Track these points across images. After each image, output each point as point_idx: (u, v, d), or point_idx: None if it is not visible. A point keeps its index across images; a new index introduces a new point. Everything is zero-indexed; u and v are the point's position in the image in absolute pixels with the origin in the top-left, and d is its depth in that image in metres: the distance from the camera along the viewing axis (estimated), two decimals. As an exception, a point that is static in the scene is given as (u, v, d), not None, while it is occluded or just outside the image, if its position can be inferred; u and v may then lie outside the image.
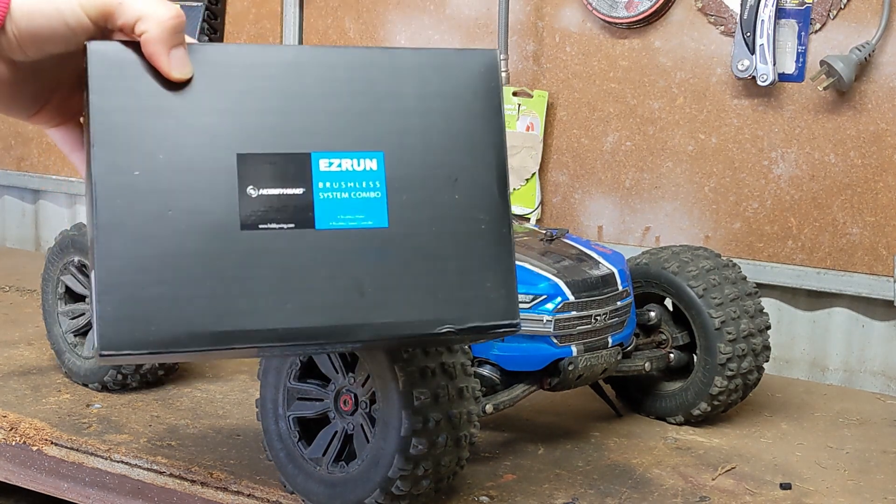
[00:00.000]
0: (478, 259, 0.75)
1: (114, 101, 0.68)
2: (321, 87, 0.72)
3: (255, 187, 0.70)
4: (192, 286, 0.68)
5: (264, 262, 0.69)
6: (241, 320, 0.68)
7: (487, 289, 0.75)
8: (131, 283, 0.66)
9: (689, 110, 1.85)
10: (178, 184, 0.68)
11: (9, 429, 1.36)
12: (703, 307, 1.39)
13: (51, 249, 1.56)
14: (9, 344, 1.73)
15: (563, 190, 1.97)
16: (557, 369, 1.27)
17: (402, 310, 0.72)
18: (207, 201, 0.68)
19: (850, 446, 1.42)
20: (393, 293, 0.72)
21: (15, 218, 2.66)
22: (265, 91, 0.71)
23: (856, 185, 1.74)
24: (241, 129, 0.70)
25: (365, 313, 0.71)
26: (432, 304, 0.73)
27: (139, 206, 0.67)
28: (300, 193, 0.70)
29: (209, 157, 0.69)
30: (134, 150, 0.67)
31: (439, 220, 0.74)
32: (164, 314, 0.67)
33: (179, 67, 0.69)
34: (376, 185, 0.72)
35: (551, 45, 1.95)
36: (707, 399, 1.41)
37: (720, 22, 1.80)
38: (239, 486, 1.21)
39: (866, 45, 1.68)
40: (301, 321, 0.70)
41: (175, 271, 0.67)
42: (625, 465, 1.30)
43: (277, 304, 0.69)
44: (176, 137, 0.68)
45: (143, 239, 0.67)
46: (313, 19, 2.16)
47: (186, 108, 0.69)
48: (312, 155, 0.71)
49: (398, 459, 1.04)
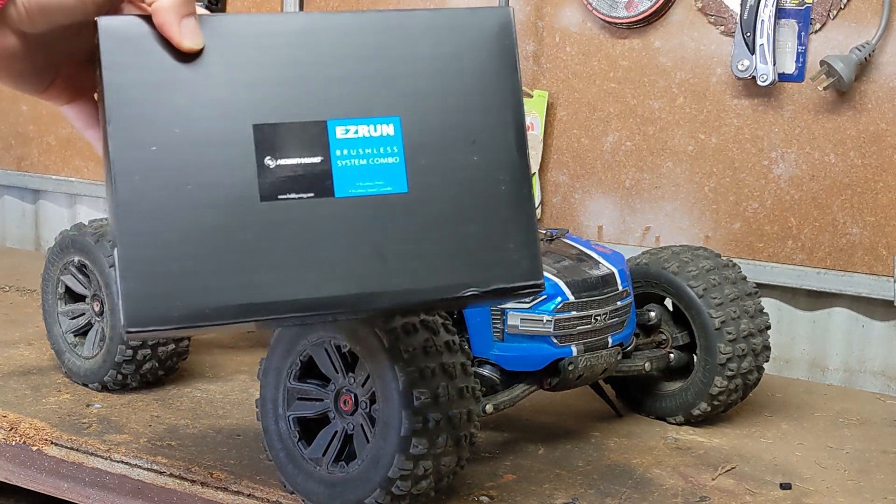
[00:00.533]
0: (499, 220, 0.74)
1: (127, 77, 0.67)
2: (334, 54, 0.72)
3: (272, 158, 0.69)
4: (214, 260, 0.67)
5: (285, 232, 0.69)
6: (265, 292, 0.68)
7: (510, 250, 0.74)
8: (154, 258, 0.66)
9: (689, 110, 1.85)
10: (196, 157, 0.68)
11: (9, 429, 1.36)
12: (703, 307, 1.39)
13: (51, 249, 1.56)
14: (9, 344, 1.73)
15: (563, 190, 1.97)
16: (557, 369, 1.27)
17: (425, 275, 0.72)
18: (225, 174, 0.68)
19: (850, 446, 1.42)
20: (414, 259, 0.72)
21: (15, 218, 2.66)
22: (278, 60, 0.70)
23: (856, 185, 1.74)
24: (255, 99, 0.69)
25: (387, 280, 0.71)
26: (455, 268, 0.73)
27: (158, 182, 0.67)
28: (318, 162, 0.70)
29: (225, 129, 0.68)
30: (150, 125, 0.67)
31: (459, 182, 0.73)
32: (188, 289, 0.67)
33: (191, 37, 0.68)
34: (394, 151, 0.72)
35: (551, 45, 1.95)
36: (707, 399, 1.41)
37: (720, 22, 1.80)
38: (239, 486, 1.21)
39: (866, 45, 1.67)
40: (324, 290, 0.69)
41: (196, 245, 0.67)
42: (625, 465, 1.30)
43: (300, 274, 0.69)
44: (191, 111, 0.68)
45: (163, 214, 0.67)
46: (313, 19, 2.16)
47: (200, 81, 0.68)
48: (329, 122, 0.70)
49: (398, 459, 1.04)
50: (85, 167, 2.48)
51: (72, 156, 2.49)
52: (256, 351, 1.76)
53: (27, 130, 2.55)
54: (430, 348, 1.06)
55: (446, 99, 0.74)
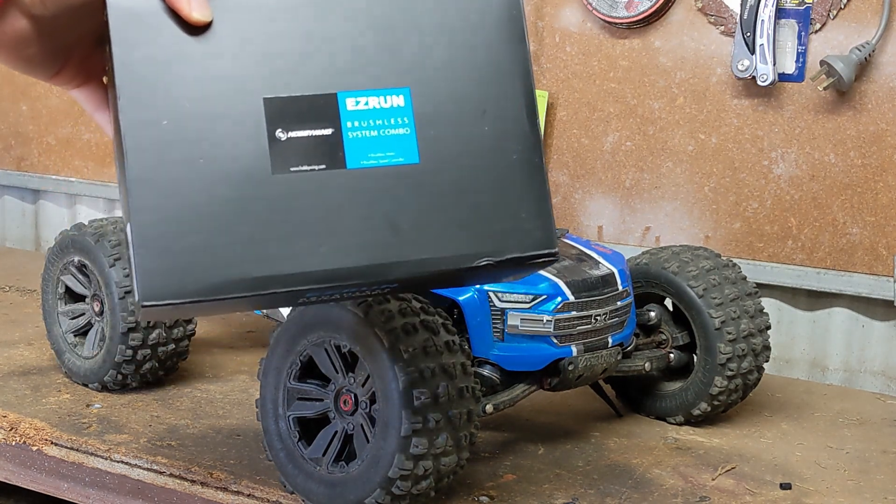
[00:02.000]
0: (511, 190, 0.74)
1: (137, 53, 0.67)
2: (343, 25, 0.71)
3: (283, 130, 0.69)
4: (228, 233, 0.67)
5: (298, 204, 0.69)
6: (279, 264, 0.68)
7: (523, 219, 0.74)
8: (167, 233, 0.66)
9: (689, 110, 1.85)
10: (207, 132, 0.67)
11: (9, 429, 1.36)
12: (703, 307, 1.39)
13: (51, 249, 1.56)
14: (9, 344, 1.73)
15: (563, 190, 1.97)
16: (557, 369, 1.27)
17: (439, 245, 0.71)
18: (237, 147, 0.68)
19: (850, 446, 1.42)
20: (428, 229, 0.71)
21: (15, 218, 2.66)
22: (287, 32, 0.70)
23: (856, 185, 1.74)
24: (265, 72, 0.69)
25: (401, 251, 0.71)
26: (469, 238, 0.72)
27: (170, 156, 0.66)
28: (329, 134, 0.70)
29: (236, 102, 0.68)
30: (160, 100, 0.67)
31: (470, 153, 0.73)
32: (202, 262, 0.67)
33: (200, 10, 0.68)
34: (405, 122, 0.72)
35: (551, 45, 1.95)
36: (707, 399, 1.41)
37: (720, 22, 1.80)
38: (239, 486, 1.21)
39: (866, 45, 1.67)
40: (337, 262, 0.69)
41: (210, 219, 0.67)
42: (625, 465, 1.30)
43: (313, 246, 0.69)
44: (201, 85, 0.68)
45: (176, 189, 0.66)
46: (313, 19, 2.16)
47: (209, 55, 0.68)
48: (339, 94, 0.70)
49: (398, 459, 1.04)
50: (85, 167, 2.48)
51: (72, 156, 2.49)
52: (256, 351, 1.76)
53: (27, 130, 2.55)
54: (430, 348, 1.06)
55: (455, 69, 0.73)
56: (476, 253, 0.72)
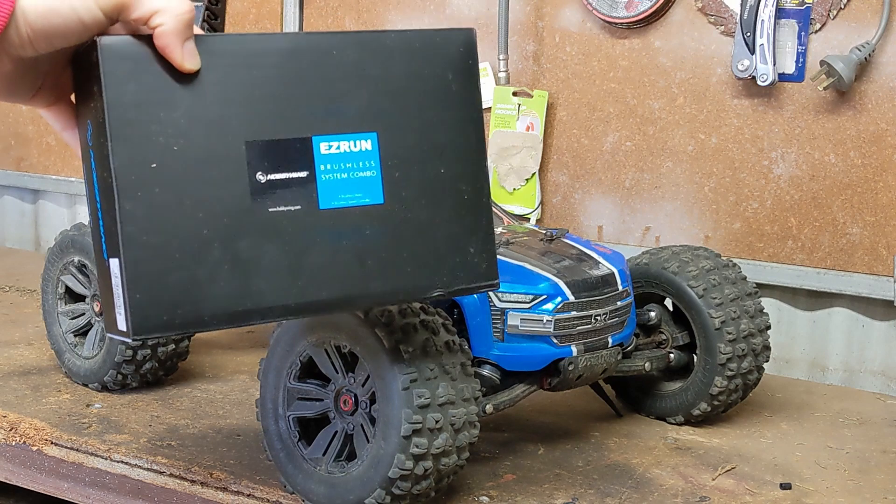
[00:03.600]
0: (462, 227, 0.83)
1: (127, 96, 0.70)
2: (317, 73, 0.77)
3: (263, 173, 0.74)
4: (212, 270, 0.72)
5: (276, 242, 0.75)
6: (259, 298, 0.74)
7: (471, 254, 0.83)
8: (156, 269, 0.70)
9: (689, 110, 1.85)
10: (193, 174, 0.71)
11: (9, 429, 1.36)
12: (703, 307, 1.39)
13: (51, 249, 1.56)
14: (9, 344, 1.73)
15: (563, 190, 1.97)
16: (557, 369, 1.27)
17: (399, 278, 0.80)
18: (221, 189, 0.72)
19: (850, 446, 1.42)
20: (390, 264, 0.80)
21: (15, 218, 2.66)
22: (267, 79, 0.75)
23: (856, 185, 1.74)
24: (247, 117, 0.74)
25: (366, 284, 0.79)
26: (424, 272, 0.82)
27: (158, 197, 0.70)
28: (304, 176, 0.76)
29: (220, 146, 0.73)
30: (150, 143, 0.70)
31: (428, 192, 0.81)
32: (189, 297, 0.72)
33: (191, 59, 0.71)
34: (371, 165, 0.79)
35: (551, 45, 1.95)
36: (707, 399, 1.41)
37: (720, 22, 1.80)
38: (239, 486, 1.21)
39: (866, 45, 1.67)
40: (311, 295, 0.76)
41: (196, 256, 0.72)
42: (625, 465, 1.30)
43: (290, 281, 0.75)
44: (188, 129, 0.72)
45: (164, 227, 0.71)
46: (313, 19, 2.16)
47: (195, 100, 0.72)
48: (313, 139, 0.76)
49: (398, 459, 1.04)
50: (85, 167, 2.48)
51: (71, 156, 2.49)
52: (256, 351, 1.76)
53: (27, 130, 2.55)
54: (430, 348, 1.06)
55: (417, 114, 0.81)
56: (430, 285, 0.83)
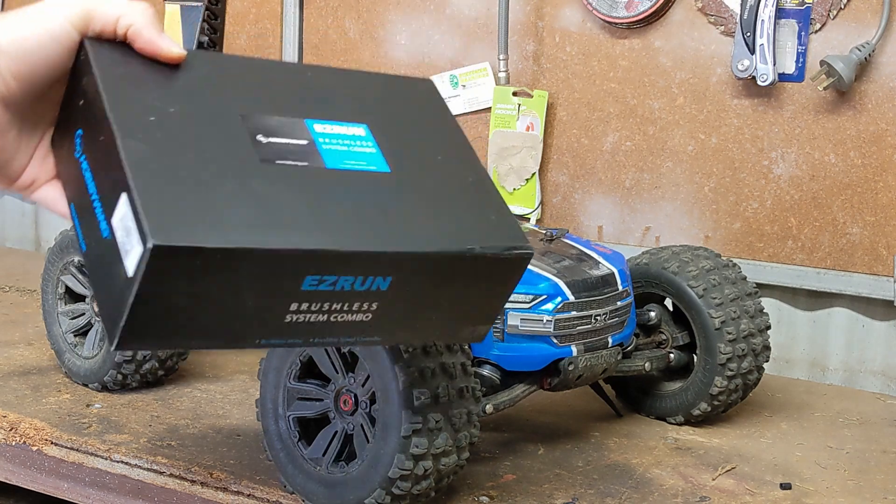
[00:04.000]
0: (476, 203, 0.79)
1: (118, 73, 0.69)
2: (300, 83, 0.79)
3: (263, 136, 0.73)
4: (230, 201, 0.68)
5: (290, 189, 0.71)
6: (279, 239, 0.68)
7: (493, 220, 0.78)
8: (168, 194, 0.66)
9: (689, 110, 1.85)
10: (194, 130, 0.70)
11: (9, 429, 1.36)
12: (703, 307, 1.39)
13: (51, 249, 1.56)
14: (9, 344, 1.73)
15: (563, 190, 1.97)
16: (557, 369, 1.27)
17: (428, 230, 0.75)
18: (223, 145, 0.71)
19: (850, 446, 1.42)
20: (414, 220, 0.74)
21: (15, 218, 2.66)
22: (257, 79, 0.77)
23: (856, 185, 1.74)
24: (240, 99, 0.74)
25: (395, 232, 0.73)
26: (453, 228, 0.76)
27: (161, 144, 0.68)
28: (305, 143, 0.74)
29: (216, 113, 0.72)
30: (145, 105, 0.69)
31: (433, 172, 0.79)
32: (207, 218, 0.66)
33: (173, 46, 0.71)
34: (369, 144, 0.77)
35: (551, 45, 1.95)
36: (707, 399, 1.41)
37: (720, 22, 1.80)
38: (239, 486, 1.21)
39: (866, 45, 1.67)
40: (340, 236, 0.71)
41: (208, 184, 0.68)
42: (625, 465, 1.30)
43: (310, 226, 0.70)
44: (183, 97, 0.71)
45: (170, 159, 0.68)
46: (313, 19, 2.16)
47: (187, 83, 0.72)
48: (307, 121, 0.76)
49: (398, 459, 1.04)
50: (85, 167, 2.47)
51: (72, 156, 2.49)
52: (256, 351, 1.76)
53: (27, 130, 2.55)
54: (430, 348, 1.06)
55: (401, 119, 0.81)
56: (463, 239, 0.75)
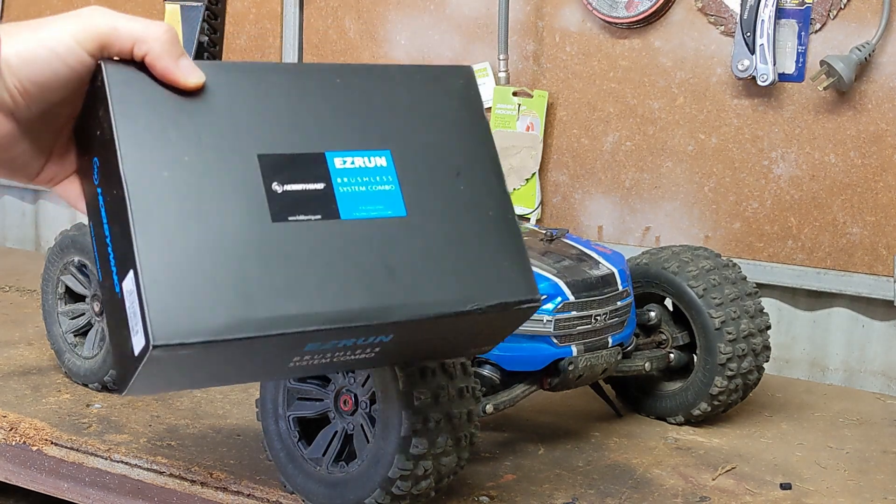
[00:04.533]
0: (491, 243, 0.78)
1: (134, 110, 0.68)
2: (324, 95, 0.76)
3: (279, 184, 0.72)
4: (234, 275, 0.68)
5: (300, 250, 0.71)
6: (286, 305, 0.69)
7: (505, 268, 0.77)
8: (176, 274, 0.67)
9: (689, 110, 1.85)
10: (207, 183, 0.69)
11: (9, 429, 1.36)
12: (703, 307, 1.39)
13: (51, 249, 1.56)
14: (9, 344, 1.73)
15: (563, 190, 1.97)
16: (557, 369, 1.27)
17: (432, 289, 0.74)
18: (237, 197, 0.70)
19: (850, 446, 1.42)
20: (421, 275, 0.74)
21: (15, 218, 2.66)
22: (276, 99, 0.74)
23: (856, 185, 1.74)
24: (258, 132, 0.72)
25: (398, 294, 0.73)
26: (457, 285, 0.75)
27: (172, 204, 0.68)
28: (321, 188, 0.73)
29: (232, 158, 0.71)
30: (160, 153, 0.68)
31: (451, 208, 0.77)
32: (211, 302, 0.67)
33: (191, 74, 0.70)
34: (389, 180, 0.76)
35: (551, 45, 1.95)
36: (707, 399, 1.41)
37: (720, 22, 1.80)
38: (239, 486, 1.21)
39: (866, 45, 1.67)
40: (342, 304, 0.71)
41: (215, 262, 0.68)
42: (625, 465, 1.30)
43: (317, 288, 0.70)
44: (199, 140, 0.70)
45: (180, 233, 0.67)
46: (313, 19, 2.16)
47: (204, 116, 0.71)
48: (326, 154, 0.74)
49: (398, 459, 1.04)
50: (85, 167, 2.47)
51: (72, 156, 2.49)
52: (256, 351, 1.76)
53: (27, 130, 2.55)
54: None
55: (428, 137, 0.79)
56: (466, 297, 0.76)
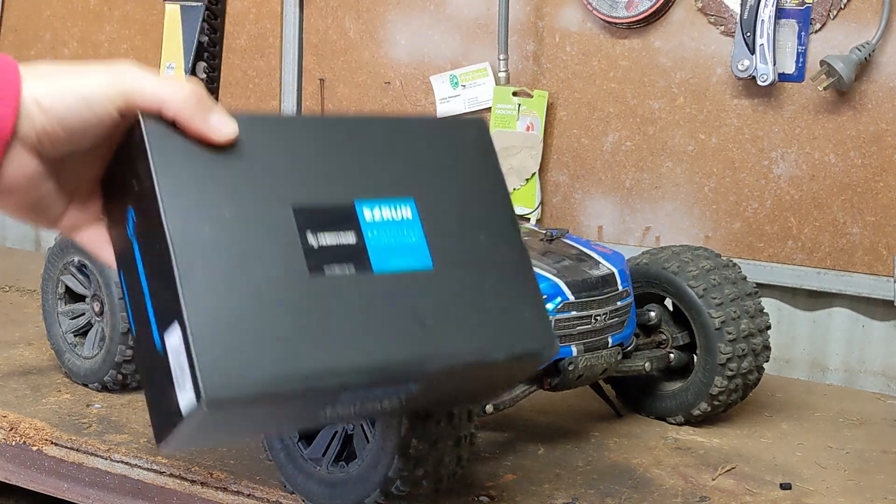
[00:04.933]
0: (513, 293, 0.80)
1: (174, 165, 0.69)
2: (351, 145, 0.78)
3: (313, 234, 0.74)
4: (278, 329, 0.70)
5: (337, 303, 0.73)
6: (328, 357, 0.71)
7: (527, 318, 0.80)
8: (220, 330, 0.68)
9: (689, 110, 1.85)
10: (247, 238, 0.71)
11: (9, 429, 1.36)
12: (703, 307, 1.39)
13: (51, 249, 1.56)
14: (9, 344, 1.73)
15: (563, 190, 1.97)
16: (557, 369, 1.27)
17: (461, 340, 0.77)
18: (276, 251, 0.72)
19: (850, 446, 1.42)
20: (450, 326, 0.77)
21: (15, 218, 2.66)
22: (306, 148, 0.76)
23: (856, 185, 1.74)
24: (292, 183, 0.74)
25: (429, 345, 0.76)
26: (485, 334, 0.78)
27: (215, 261, 0.69)
28: (354, 243, 0.75)
29: (270, 210, 0.73)
30: (200, 209, 0.70)
31: (473, 259, 0.80)
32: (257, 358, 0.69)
33: (223, 128, 0.69)
34: (415, 232, 0.78)
35: (551, 45, 1.95)
36: (707, 399, 1.41)
37: (720, 22, 1.80)
38: (239, 486, 1.21)
39: (866, 45, 1.67)
40: (379, 355, 0.73)
41: (258, 319, 0.70)
42: (625, 465, 1.30)
43: (356, 340, 0.73)
44: (237, 194, 0.71)
45: (224, 291, 0.69)
46: (313, 19, 2.16)
47: (238, 165, 0.72)
48: (356, 203, 0.77)
49: (398, 459, 1.04)
50: (85, 167, 2.48)
51: (72, 156, 2.49)
52: (256, 351, 1.76)
53: (27, 130, 2.55)
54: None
55: (448, 187, 0.81)
56: (494, 348, 0.78)
